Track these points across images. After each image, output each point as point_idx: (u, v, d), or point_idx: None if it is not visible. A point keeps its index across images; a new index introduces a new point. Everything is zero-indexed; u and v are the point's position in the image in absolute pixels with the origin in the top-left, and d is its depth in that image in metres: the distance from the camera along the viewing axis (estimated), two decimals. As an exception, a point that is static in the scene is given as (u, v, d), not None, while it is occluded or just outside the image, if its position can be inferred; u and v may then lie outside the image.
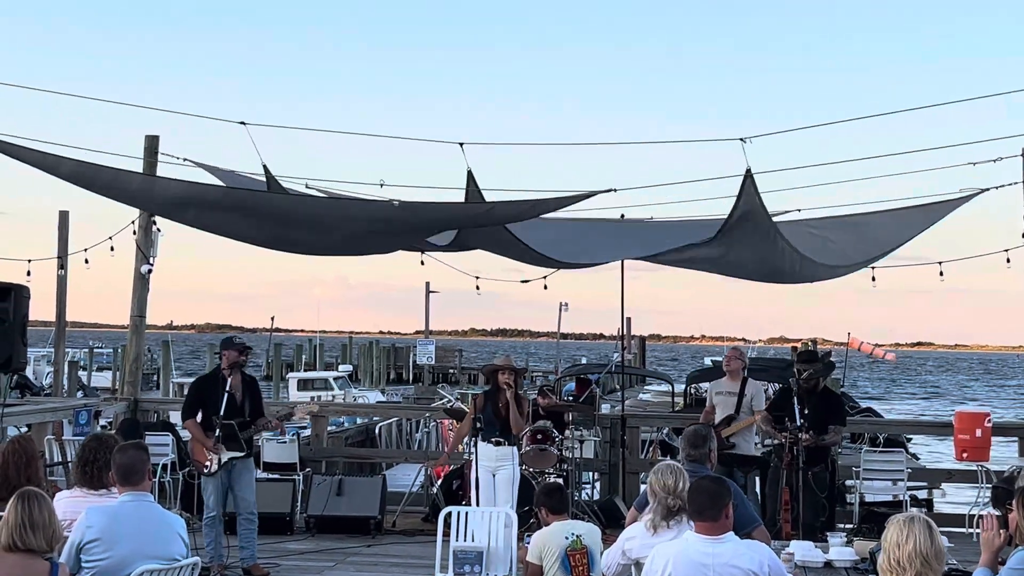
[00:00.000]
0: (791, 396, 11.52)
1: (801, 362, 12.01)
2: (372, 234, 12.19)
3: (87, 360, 61.93)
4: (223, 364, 10.53)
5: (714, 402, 12.45)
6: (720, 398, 12.39)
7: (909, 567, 4.71)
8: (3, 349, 10.69)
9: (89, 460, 6.92)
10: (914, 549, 4.71)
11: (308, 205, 11.86)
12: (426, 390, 52.85)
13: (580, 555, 7.34)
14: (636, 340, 64.12)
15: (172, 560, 6.13)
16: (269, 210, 11.82)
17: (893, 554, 4.75)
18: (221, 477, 10.42)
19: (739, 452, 12.08)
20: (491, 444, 10.98)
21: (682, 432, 8.17)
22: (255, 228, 12.23)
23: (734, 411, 12.15)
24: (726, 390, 12.39)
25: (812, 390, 11.60)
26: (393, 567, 10.93)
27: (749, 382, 12.35)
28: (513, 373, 11.34)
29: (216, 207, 11.65)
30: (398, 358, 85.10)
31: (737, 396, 12.21)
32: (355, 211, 11.67)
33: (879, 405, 58.31)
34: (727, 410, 12.20)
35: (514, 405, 11.08)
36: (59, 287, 15.67)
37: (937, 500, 21.02)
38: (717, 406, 12.32)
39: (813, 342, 46.12)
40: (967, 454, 12.79)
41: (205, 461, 10.37)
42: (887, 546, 4.79)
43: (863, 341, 36.00)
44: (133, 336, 14.90)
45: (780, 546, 8.06)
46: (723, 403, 12.31)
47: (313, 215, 11.99)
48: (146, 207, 13.44)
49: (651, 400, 38.94)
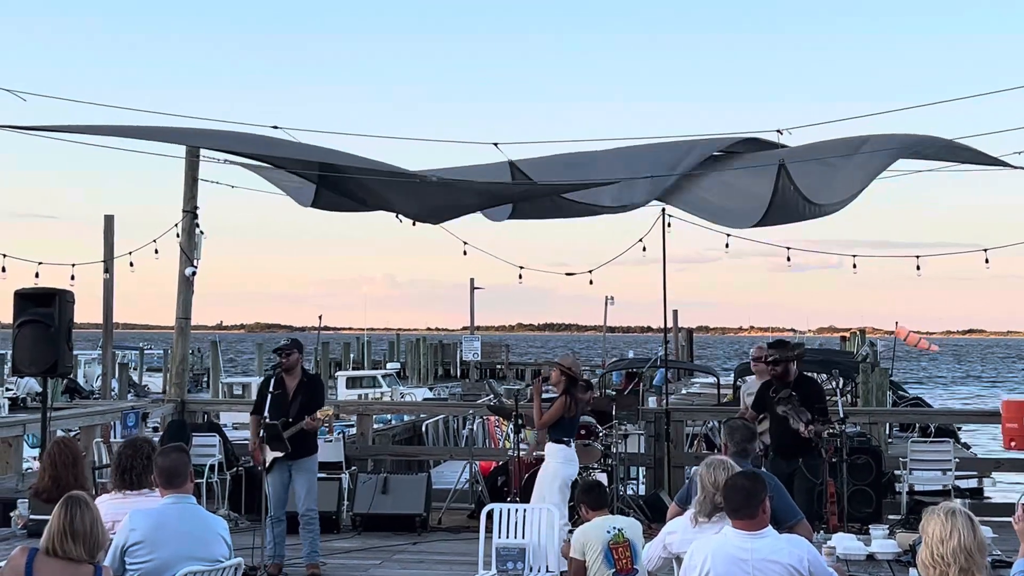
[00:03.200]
0: (772, 389, 11.14)
1: (770, 348, 11.57)
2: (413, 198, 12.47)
3: (138, 361, 62.53)
4: None
5: (746, 403, 12.04)
6: (751, 399, 11.87)
7: (954, 563, 4.62)
8: (49, 354, 10.78)
9: (127, 467, 6.95)
10: (959, 544, 4.61)
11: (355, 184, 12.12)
12: (473, 386, 52.90)
13: (623, 548, 7.35)
14: (683, 333, 63.95)
15: (215, 562, 6.18)
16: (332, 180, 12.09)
17: (937, 549, 4.66)
18: (280, 477, 10.48)
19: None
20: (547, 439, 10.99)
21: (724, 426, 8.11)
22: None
23: None
24: (756, 391, 11.93)
25: (782, 377, 11.09)
26: (438, 564, 10.96)
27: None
28: (557, 368, 11.17)
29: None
30: (445, 355, 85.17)
31: None
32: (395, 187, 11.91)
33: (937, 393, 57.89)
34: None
35: (537, 401, 11.03)
36: (105, 290, 15.89)
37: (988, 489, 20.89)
38: (750, 408, 12.02)
39: (861, 331, 45.84)
40: (1015, 443, 12.66)
41: (259, 458, 10.46)
42: (929, 540, 4.70)
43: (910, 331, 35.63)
44: (179, 338, 15.04)
45: (823, 539, 8.04)
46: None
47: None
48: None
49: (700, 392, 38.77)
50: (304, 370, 10.79)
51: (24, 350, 10.83)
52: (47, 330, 10.66)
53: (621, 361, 40.03)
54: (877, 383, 26.36)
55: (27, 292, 11.15)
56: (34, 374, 11.17)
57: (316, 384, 10.90)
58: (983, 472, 18.75)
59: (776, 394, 10.95)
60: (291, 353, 10.60)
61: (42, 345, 10.74)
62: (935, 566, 4.67)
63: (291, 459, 10.43)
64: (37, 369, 10.97)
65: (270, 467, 10.38)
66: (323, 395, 10.98)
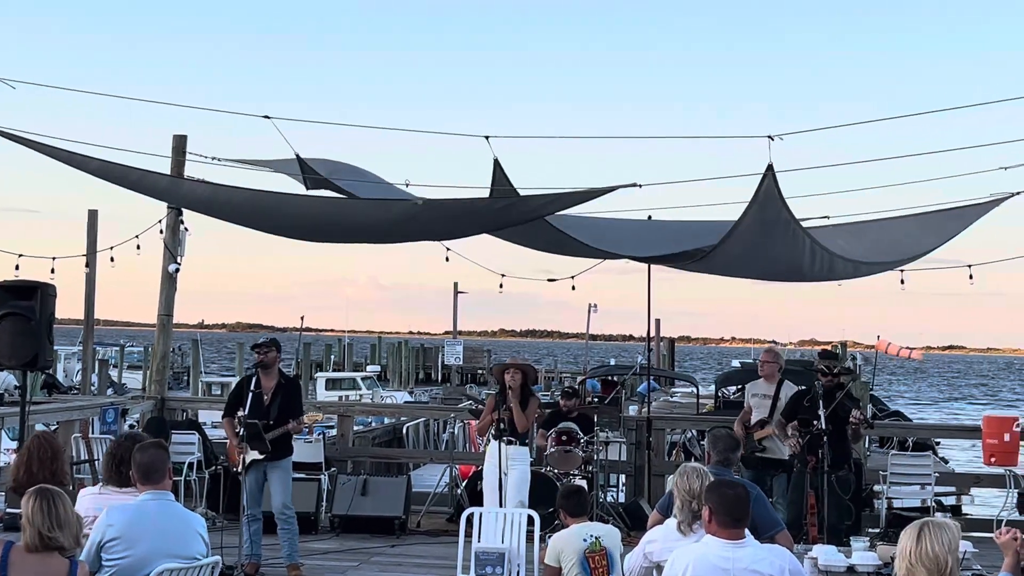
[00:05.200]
0: (807, 398, 11.37)
1: (825, 359, 11.80)
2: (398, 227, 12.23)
3: (118, 358, 62.23)
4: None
5: (750, 403, 12.25)
6: (756, 400, 12.16)
7: (920, 566, 4.69)
8: (29, 348, 10.68)
9: (124, 460, 6.88)
10: (924, 554, 4.69)
11: (335, 206, 11.90)
12: (454, 390, 52.84)
13: (599, 556, 7.31)
14: (665, 342, 64.01)
15: (192, 559, 6.14)
16: (296, 212, 11.88)
17: (904, 560, 4.76)
18: (255, 476, 10.44)
19: (770, 456, 11.91)
20: (503, 443, 10.73)
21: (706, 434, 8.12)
22: (284, 226, 12.35)
23: (768, 414, 11.90)
24: (761, 392, 12.15)
25: (837, 389, 11.28)
26: (417, 567, 10.93)
27: (785, 384, 12.04)
28: (520, 371, 11.07)
29: (242, 207, 11.72)
30: (427, 358, 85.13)
31: (772, 399, 11.97)
32: (380, 212, 11.71)
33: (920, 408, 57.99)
34: (761, 413, 11.97)
35: (517, 403, 10.89)
36: (87, 285, 15.80)
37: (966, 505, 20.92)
38: (753, 408, 12.13)
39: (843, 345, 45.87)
40: (995, 458, 12.68)
41: (236, 460, 10.40)
42: (899, 551, 4.80)
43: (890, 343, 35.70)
44: (160, 335, 14.98)
45: (804, 550, 8.02)
46: (758, 405, 12.09)
47: (340, 215, 12.04)
48: (176, 203, 13.63)
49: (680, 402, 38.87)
50: (281, 372, 10.74)
51: (3, 343, 10.74)
52: (28, 323, 10.57)
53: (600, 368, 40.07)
54: (858, 396, 26.35)
55: (8, 284, 11.06)
56: (14, 367, 11.06)
57: (294, 387, 10.84)
58: (962, 487, 18.75)
59: (826, 403, 11.06)
60: (269, 350, 10.56)
61: (22, 338, 10.64)
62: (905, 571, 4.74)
63: (268, 459, 10.40)
64: (17, 362, 10.87)
65: (248, 468, 10.33)
66: (301, 398, 10.93)
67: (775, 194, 10.25)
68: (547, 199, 11.30)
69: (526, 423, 11.05)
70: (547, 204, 11.42)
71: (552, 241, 12.53)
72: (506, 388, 10.98)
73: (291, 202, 11.85)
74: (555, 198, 11.27)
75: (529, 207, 11.46)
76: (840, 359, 12.69)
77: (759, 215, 10.61)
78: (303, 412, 10.91)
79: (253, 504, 10.44)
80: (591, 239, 12.30)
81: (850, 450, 11.38)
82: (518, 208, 11.47)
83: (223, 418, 10.93)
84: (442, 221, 12.00)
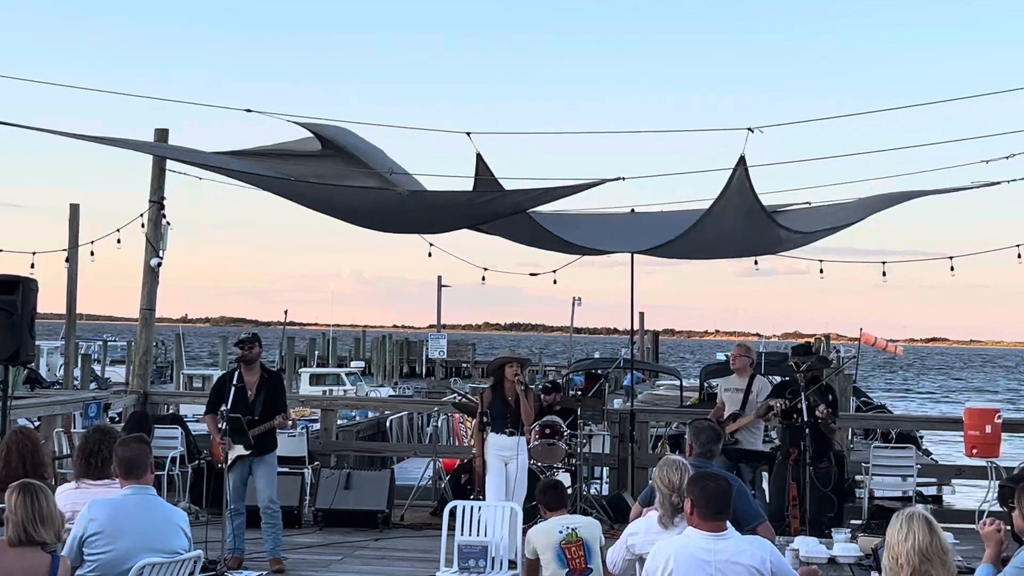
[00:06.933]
0: (789, 390, 11.70)
1: (796, 355, 12.10)
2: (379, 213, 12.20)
3: (101, 353, 62.04)
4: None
5: (723, 398, 12.57)
6: (728, 394, 12.53)
7: (907, 564, 4.73)
8: (10, 342, 10.63)
9: (93, 451, 6.90)
10: (912, 546, 4.73)
11: (316, 191, 11.84)
12: (438, 384, 52.81)
13: (576, 547, 7.35)
14: (649, 335, 64.04)
15: (174, 553, 6.15)
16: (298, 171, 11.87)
17: (893, 551, 4.80)
18: (240, 471, 10.43)
19: (743, 447, 12.16)
20: (504, 435, 10.97)
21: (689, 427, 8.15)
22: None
23: (740, 407, 12.24)
24: (734, 387, 12.51)
25: (814, 382, 11.64)
26: (400, 560, 10.92)
27: (757, 378, 12.47)
28: (520, 364, 11.30)
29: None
30: (411, 352, 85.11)
31: (744, 392, 12.30)
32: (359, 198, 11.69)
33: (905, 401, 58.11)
34: (733, 406, 12.32)
35: (523, 396, 11.04)
36: (69, 280, 15.75)
37: (948, 496, 21.03)
38: (726, 402, 12.43)
39: (826, 337, 45.99)
40: (977, 450, 12.72)
41: (220, 455, 10.39)
42: (888, 543, 4.83)
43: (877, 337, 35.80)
44: (143, 329, 14.92)
45: (785, 541, 8.06)
46: (730, 399, 12.44)
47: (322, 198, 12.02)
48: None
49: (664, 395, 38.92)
50: (263, 366, 10.75)
51: (-15, 337, 10.68)
52: (9, 317, 10.51)
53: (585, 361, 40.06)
54: (840, 388, 26.44)
55: (-10, 278, 11.01)
56: (-5, 361, 10.99)
57: (277, 382, 10.87)
58: (944, 479, 18.83)
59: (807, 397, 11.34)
60: (253, 346, 10.59)
61: (3, 333, 10.57)
62: (892, 570, 4.77)
63: (253, 454, 10.39)
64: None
65: (232, 463, 10.32)
66: (284, 393, 10.93)
67: (747, 187, 10.32)
68: (533, 193, 11.32)
69: (532, 416, 11.30)
70: (533, 198, 11.43)
71: (536, 237, 12.56)
72: (503, 382, 11.13)
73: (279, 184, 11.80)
74: (541, 192, 11.28)
75: (515, 200, 11.46)
76: (817, 352, 12.84)
77: (729, 204, 10.70)
78: (288, 407, 10.93)
79: (237, 499, 10.43)
80: (574, 236, 12.32)
81: (831, 442, 11.53)
82: (503, 201, 11.47)
83: (205, 414, 10.89)
84: (425, 211, 12.00)
